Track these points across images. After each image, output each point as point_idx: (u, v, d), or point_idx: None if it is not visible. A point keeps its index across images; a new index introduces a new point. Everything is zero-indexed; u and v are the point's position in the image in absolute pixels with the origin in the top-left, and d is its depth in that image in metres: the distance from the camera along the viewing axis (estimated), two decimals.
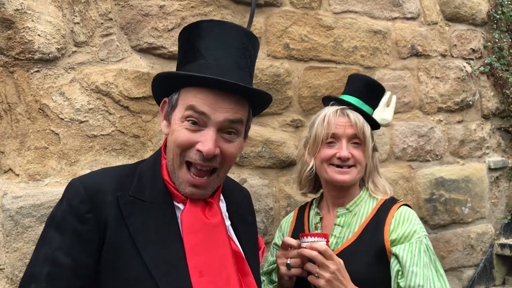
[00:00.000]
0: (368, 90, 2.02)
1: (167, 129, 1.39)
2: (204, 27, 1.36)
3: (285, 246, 1.75)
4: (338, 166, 1.86)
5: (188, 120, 1.29)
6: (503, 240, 3.55)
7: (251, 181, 2.59)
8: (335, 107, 1.93)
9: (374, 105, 2.03)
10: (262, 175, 2.65)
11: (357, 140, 1.88)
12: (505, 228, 3.62)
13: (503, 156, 3.69)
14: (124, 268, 1.23)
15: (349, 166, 1.87)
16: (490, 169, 3.58)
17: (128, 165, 1.48)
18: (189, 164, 1.31)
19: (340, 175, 1.86)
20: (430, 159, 3.30)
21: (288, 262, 1.69)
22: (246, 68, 1.39)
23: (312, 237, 1.68)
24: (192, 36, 1.38)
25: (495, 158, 3.63)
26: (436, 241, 3.26)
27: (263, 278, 2.03)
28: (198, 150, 1.28)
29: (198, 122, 1.29)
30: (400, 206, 1.86)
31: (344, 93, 2.05)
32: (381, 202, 1.89)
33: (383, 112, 2.03)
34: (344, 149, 1.84)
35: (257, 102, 1.43)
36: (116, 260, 1.24)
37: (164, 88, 1.39)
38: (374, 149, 1.99)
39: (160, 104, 1.43)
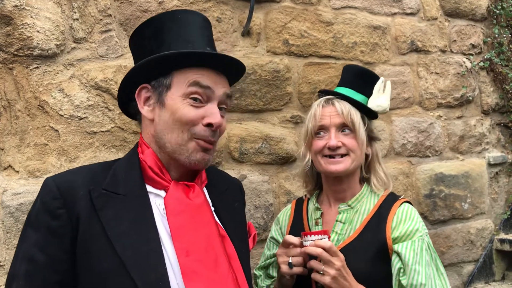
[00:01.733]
0: (360, 79, 2.01)
1: (151, 114, 1.40)
2: (179, 16, 1.44)
3: (286, 244, 1.73)
4: (330, 156, 1.84)
5: (191, 98, 1.34)
6: (502, 236, 3.56)
7: (251, 177, 2.59)
8: (321, 99, 1.93)
9: (368, 94, 2.01)
10: (262, 171, 2.65)
11: (346, 128, 1.86)
12: (505, 224, 3.62)
13: (503, 151, 3.70)
14: (97, 261, 1.24)
15: (342, 156, 1.84)
16: (490, 165, 3.58)
17: (105, 162, 1.50)
18: (196, 138, 1.37)
19: (332, 165, 1.83)
20: (430, 155, 3.30)
21: (290, 261, 1.68)
22: (215, 46, 1.52)
23: (315, 235, 1.66)
24: (168, 24, 1.43)
25: (494, 154, 3.63)
26: (436, 236, 3.27)
27: (260, 272, 2.02)
28: (208, 124, 1.35)
29: (201, 98, 1.35)
30: (402, 204, 1.85)
31: (338, 85, 2.05)
32: (382, 198, 1.88)
33: (378, 99, 2.01)
34: (332, 138, 1.83)
35: (232, 78, 1.55)
36: (90, 253, 1.25)
37: (143, 74, 1.40)
38: (373, 138, 1.96)
39: (137, 91, 1.42)
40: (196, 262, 1.29)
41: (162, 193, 1.38)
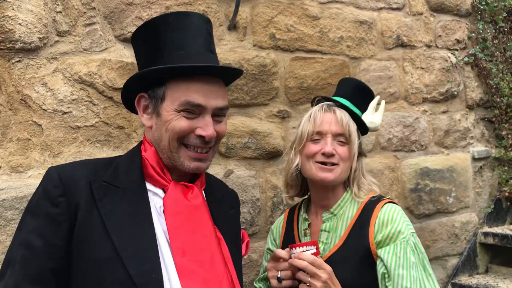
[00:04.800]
0: (357, 93, 2.02)
1: (149, 122, 1.46)
2: (172, 19, 1.45)
3: (275, 258, 1.74)
4: (322, 163, 1.83)
5: (184, 111, 1.38)
6: (486, 229, 3.60)
7: (238, 172, 2.58)
8: (322, 104, 1.92)
9: (363, 109, 2.02)
10: (249, 166, 2.64)
11: (342, 138, 1.85)
12: (489, 217, 3.67)
13: (487, 146, 3.74)
14: (93, 249, 1.27)
15: (333, 164, 1.83)
16: (474, 159, 3.62)
17: (108, 158, 1.54)
18: (186, 145, 1.41)
19: (323, 173, 1.82)
20: (415, 149, 3.33)
21: (279, 275, 1.69)
22: (215, 52, 1.53)
23: (301, 247, 1.67)
24: (161, 29, 1.44)
25: (479, 148, 3.67)
26: (421, 230, 3.29)
27: (259, 284, 2.01)
28: (199, 136, 1.39)
29: (193, 111, 1.39)
30: (384, 205, 1.81)
31: (334, 95, 2.05)
32: (365, 201, 1.85)
33: (372, 116, 2.02)
34: (328, 145, 1.82)
35: (230, 81, 1.58)
36: (86, 241, 1.28)
37: (141, 84, 1.45)
38: (361, 153, 1.96)
39: (136, 100, 1.48)
40: (192, 262, 1.32)
41: (161, 192, 1.41)
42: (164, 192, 1.41)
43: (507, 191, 3.68)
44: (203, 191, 1.52)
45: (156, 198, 1.40)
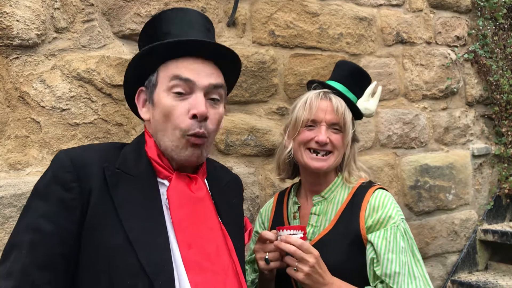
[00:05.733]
0: (354, 77, 1.99)
1: (147, 115, 1.43)
2: (168, 14, 1.43)
3: (262, 240, 1.72)
4: (315, 151, 1.83)
5: (173, 92, 1.34)
6: (486, 226, 3.60)
7: (237, 169, 2.57)
8: (318, 90, 1.91)
9: (358, 94, 2.00)
10: (248, 163, 2.63)
11: (337, 126, 1.84)
12: (488, 214, 3.67)
13: (487, 143, 3.73)
14: (105, 238, 1.24)
15: (326, 153, 1.83)
16: (474, 156, 3.62)
17: (113, 142, 1.52)
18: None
19: (315, 162, 1.82)
20: (415, 146, 3.32)
21: (267, 256, 1.68)
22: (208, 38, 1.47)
23: (289, 230, 1.66)
24: (158, 24, 1.43)
25: (478, 145, 3.66)
26: (420, 227, 3.29)
27: (246, 267, 2.02)
28: (192, 116, 1.32)
29: (183, 91, 1.34)
30: (375, 190, 1.81)
31: (330, 79, 2.03)
32: (356, 186, 1.85)
33: (367, 102, 2.01)
34: (322, 133, 1.81)
35: (229, 72, 1.51)
36: (98, 229, 1.25)
37: (137, 76, 1.43)
38: (354, 139, 1.95)
39: (136, 96, 1.46)
40: (198, 255, 1.31)
41: (166, 182, 1.39)
42: (168, 182, 1.39)
43: (507, 188, 3.68)
44: (206, 181, 1.50)
45: (162, 188, 1.38)
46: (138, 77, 1.43)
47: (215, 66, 1.41)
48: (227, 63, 1.46)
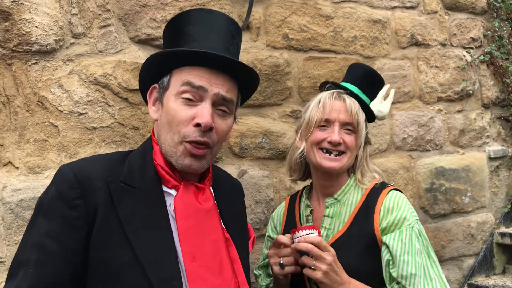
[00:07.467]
0: (367, 80, 1.99)
1: (156, 114, 1.42)
2: (193, 14, 1.41)
3: (277, 244, 1.72)
4: (327, 151, 1.82)
5: (183, 97, 1.33)
6: (503, 229, 3.56)
7: (252, 172, 2.58)
8: (332, 91, 1.90)
9: (372, 96, 2.00)
10: (263, 166, 2.64)
11: (350, 126, 1.84)
12: (505, 217, 3.62)
13: (503, 145, 3.69)
14: (112, 255, 1.22)
15: (339, 153, 1.82)
16: (490, 158, 3.58)
17: (119, 152, 1.48)
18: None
19: (328, 162, 1.81)
20: (430, 149, 3.30)
21: (281, 261, 1.67)
22: (235, 55, 1.45)
23: (304, 230, 1.66)
24: (182, 23, 1.42)
25: (495, 147, 3.62)
26: (436, 230, 3.27)
27: (259, 272, 2.01)
28: (196, 125, 1.31)
29: (193, 98, 1.33)
30: (389, 192, 1.80)
31: (343, 81, 2.03)
32: (369, 188, 1.84)
33: (380, 104, 2.00)
34: (336, 133, 1.80)
35: (246, 84, 1.48)
36: (105, 246, 1.23)
37: (152, 74, 1.42)
38: (367, 141, 1.95)
39: (148, 91, 1.45)
40: (202, 267, 1.29)
41: (173, 191, 1.36)
42: (176, 191, 1.36)
43: None
44: (211, 188, 1.49)
45: (169, 199, 1.36)
46: (154, 74, 1.43)
47: (230, 77, 1.39)
48: (244, 74, 1.44)
